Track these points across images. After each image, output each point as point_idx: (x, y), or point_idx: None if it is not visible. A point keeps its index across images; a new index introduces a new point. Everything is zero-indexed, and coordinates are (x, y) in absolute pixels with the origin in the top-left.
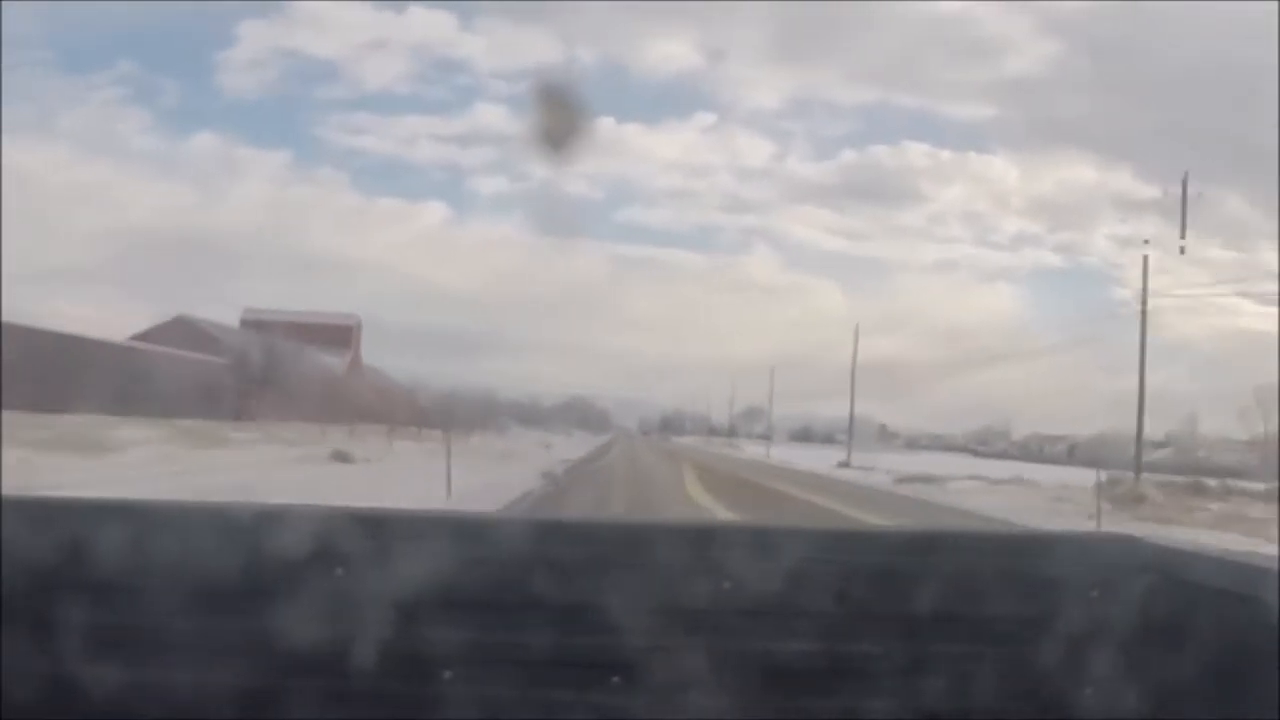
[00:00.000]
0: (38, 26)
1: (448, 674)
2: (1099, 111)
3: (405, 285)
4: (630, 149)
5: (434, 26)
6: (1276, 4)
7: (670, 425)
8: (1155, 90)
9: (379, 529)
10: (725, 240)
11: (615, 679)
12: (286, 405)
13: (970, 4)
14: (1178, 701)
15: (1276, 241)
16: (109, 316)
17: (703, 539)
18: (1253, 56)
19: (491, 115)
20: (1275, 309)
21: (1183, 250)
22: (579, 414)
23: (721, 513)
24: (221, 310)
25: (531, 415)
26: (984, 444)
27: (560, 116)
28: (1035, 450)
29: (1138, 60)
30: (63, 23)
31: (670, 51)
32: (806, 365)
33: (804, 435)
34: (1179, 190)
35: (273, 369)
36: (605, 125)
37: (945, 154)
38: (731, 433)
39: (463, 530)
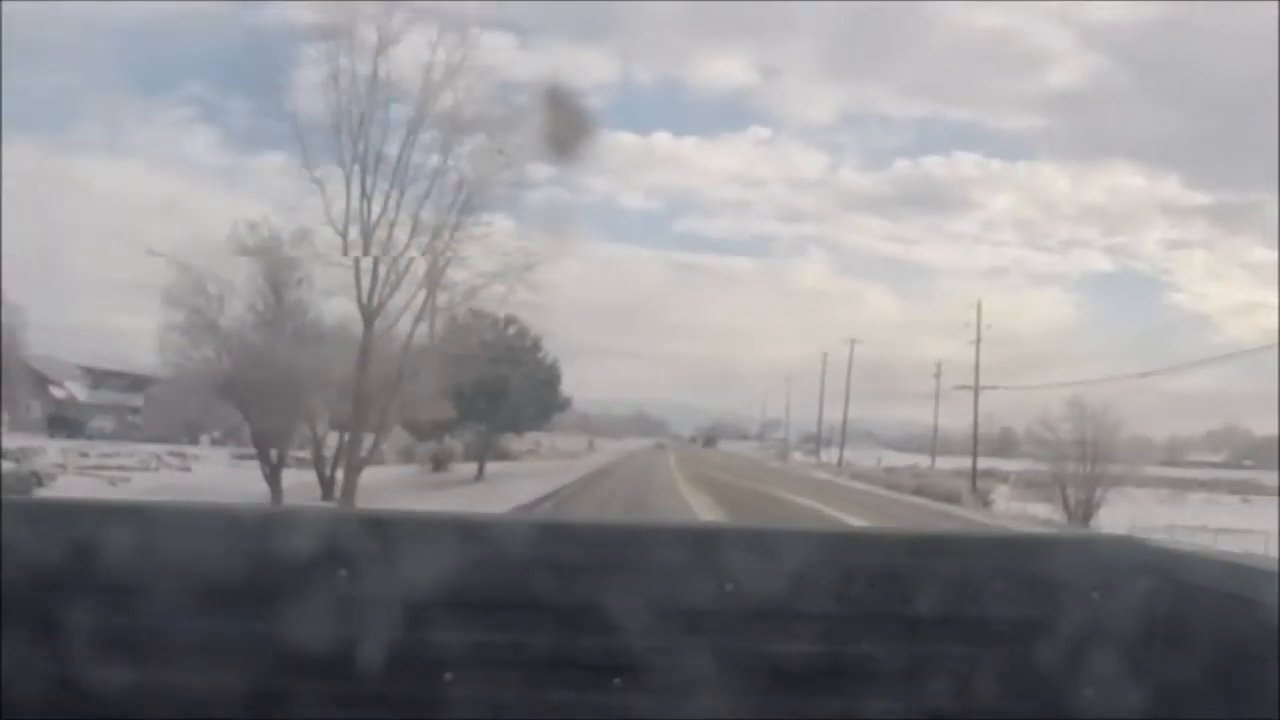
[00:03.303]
0: (112, 50)
1: (448, 675)
2: (1145, 121)
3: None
4: (688, 162)
5: (495, 48)
6: None
7: (721, 431)
8: (1199, 99)
9: (382, 530)
10: (781, 248)
11: (617, 680)
12: None
13: (1015, 18)
14: (1178, 702)
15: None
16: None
17: (705, 540)
18: None
19: None
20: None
21: None
22: (637, 423)
23: None
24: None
25: (596, 425)
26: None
27: (566, 122)
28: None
29: (1181, 69)
30: (134, 46)
31: (725, 69)
32: (863, 369)
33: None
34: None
35: None
36: (662, 139)
37: (995, 163)
38: (782, 441)
39: (465, 531)
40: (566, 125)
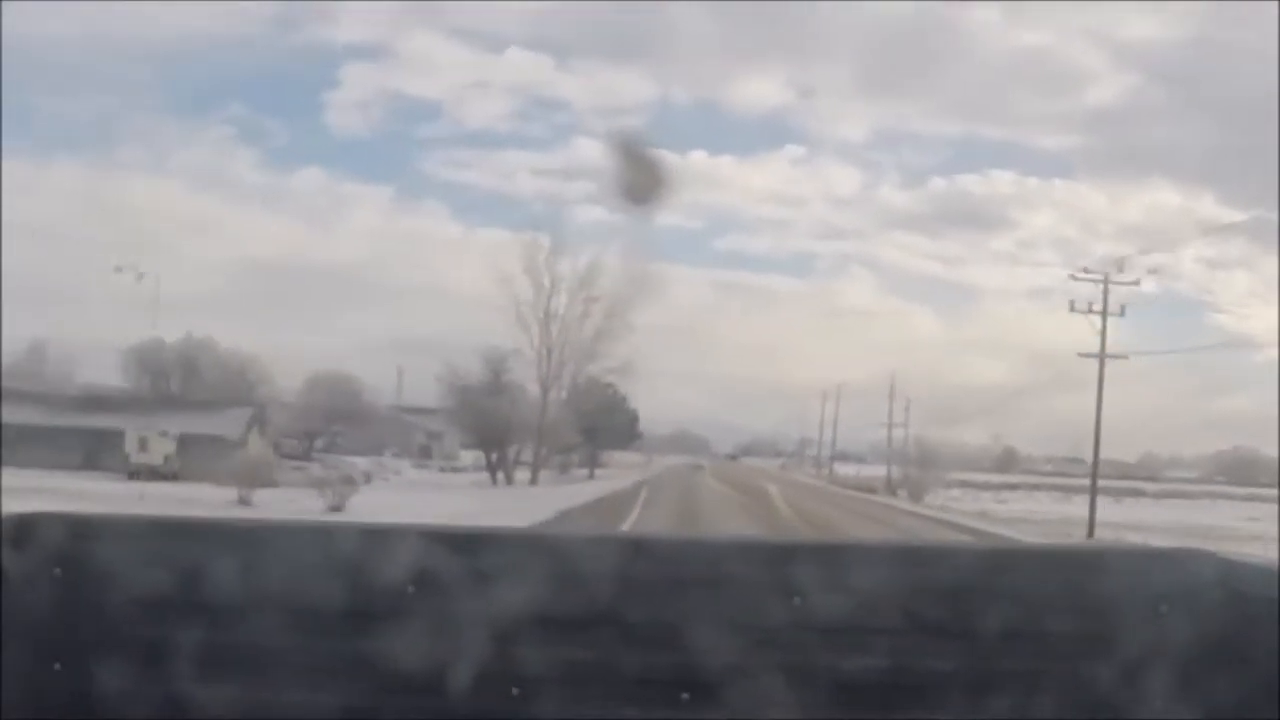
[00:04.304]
0: (150, 74)
1: (515, 690)
2: (1179, 139)
3: (510, 311)
4: (726, 181)
5: (532, 68)
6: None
7: (758, 449)
8: (1233, 116)
9: (468, 549)
10: (822, 266)
11: (685, 696)
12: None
13: (1050, 37)
14: (1243, 716)
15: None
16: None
17: (777, 557)
18: None
19: (590, 149)
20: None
21: None
22: (679, 440)
23: None
24: (328, 340)
25: (645, 444)
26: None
27: (642, 172)
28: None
29: (1215, 87)
30: (175, 68)
31: (761, 89)
32: (906, 388)
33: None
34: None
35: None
36: (698, 158)
37: (1032, 181)
38: (809, 458)
39: (544, 548)
40: (641, 175)
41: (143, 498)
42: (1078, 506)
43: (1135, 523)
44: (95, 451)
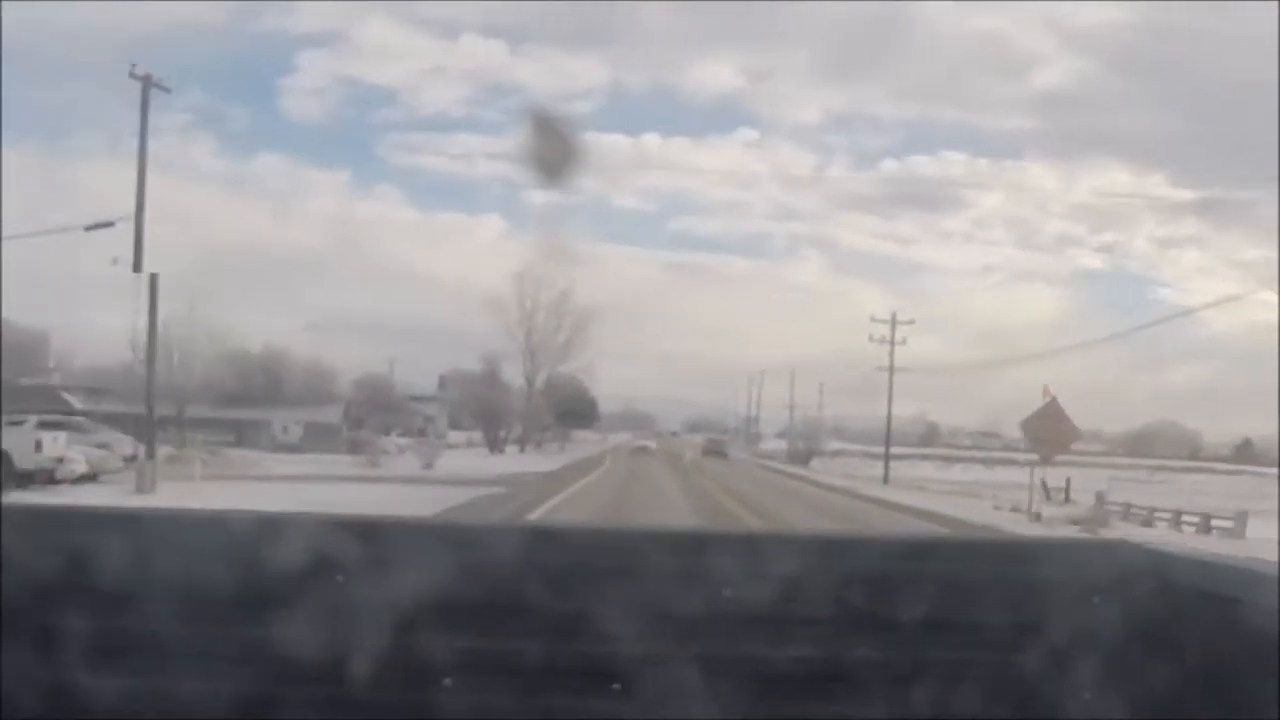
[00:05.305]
0: (108, 60)
1: (447, 681)
2: (1130, 120)
3: (465, 294)
4: (679, 163)
5: (487, 54)
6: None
7: (705, 425)
8: (1184, 98)
9: (374, 537)
10: (775, 247)
11: (616, 686)
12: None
13: (1002, 21)
14: (1173, 706)
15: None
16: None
17: (696, 547)
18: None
19: None
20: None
21: None
22: (627, 418)
23: None
24: (290, 321)
25: (598, 423)
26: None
27: (554, 145)
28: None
29: (1165, 70)
30: (133, 55)
31: (714, 73)
32: (859, 367)
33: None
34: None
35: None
36: (652, 141)
37: (983, 163)
38: (749, 432)
39: (456, 537)
40: (555, 149)
41: (317, 463)
42: (936, 472)
43: (925, 480)
44: (243, 435)
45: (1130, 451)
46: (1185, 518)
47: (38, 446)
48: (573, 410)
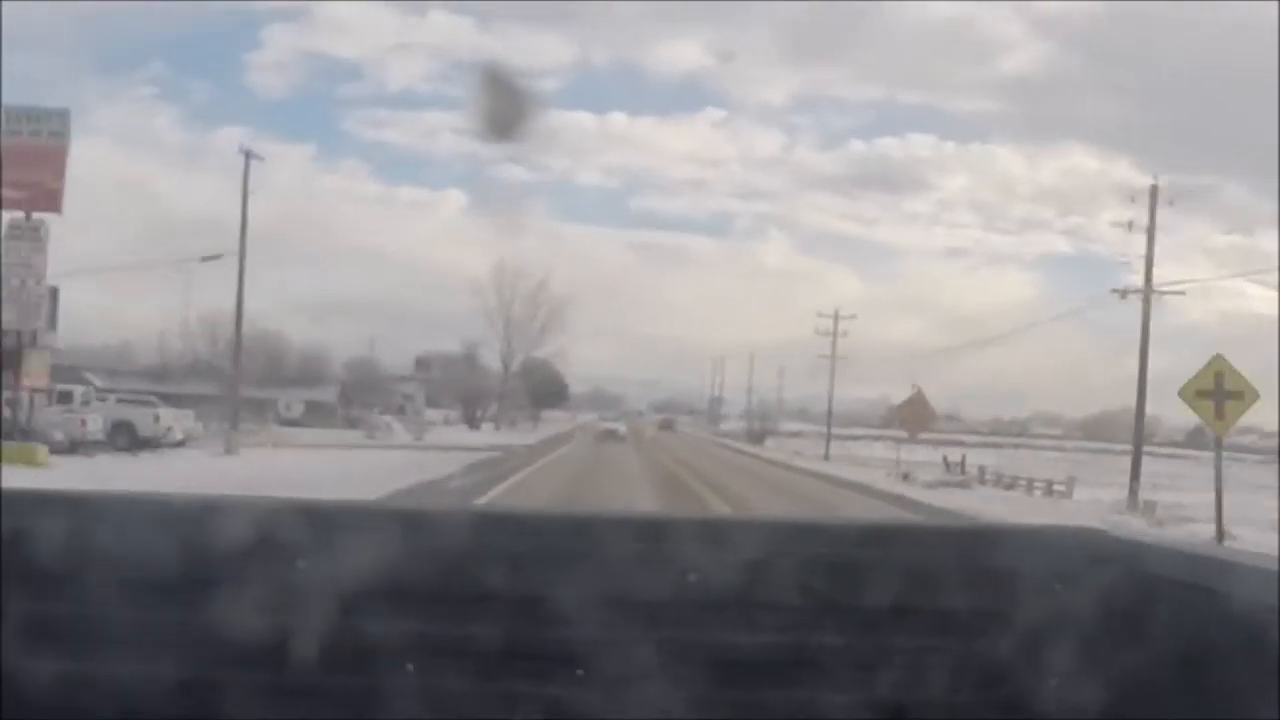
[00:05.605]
0: (71, 30)
1: (409, 666)
2: (1095, 105)
3: (428, 271)
4: (644, 142)
5: (453, 30)
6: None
7: (674, 407)
8: (1148, 84)
9: (323, 520)
10: (740, 226)
11: (580, 671)
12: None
13: (969, 5)
14: (1140, 694)
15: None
16: (147, 307)
17: (658, 532)
18: (1244, 50)
19: None
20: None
21: None
22: (596, 399)
23: None
24: (259, 299)
25: (567, 404)
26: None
27: (506, 102)
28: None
29: (1130, 56)
30: (96, 26)
31: (681, 52)
32: (822, 349)
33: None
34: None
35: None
36: (618, 120)
37: (949, 145)
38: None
39: (407, 521)
40: (506, 105)
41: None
42: (887, 451)
43: (869, 458)
44: (250, 412)
45: (1087, 435)
46: (1036, 484)
47: (156, 419)
48: (545, 392)
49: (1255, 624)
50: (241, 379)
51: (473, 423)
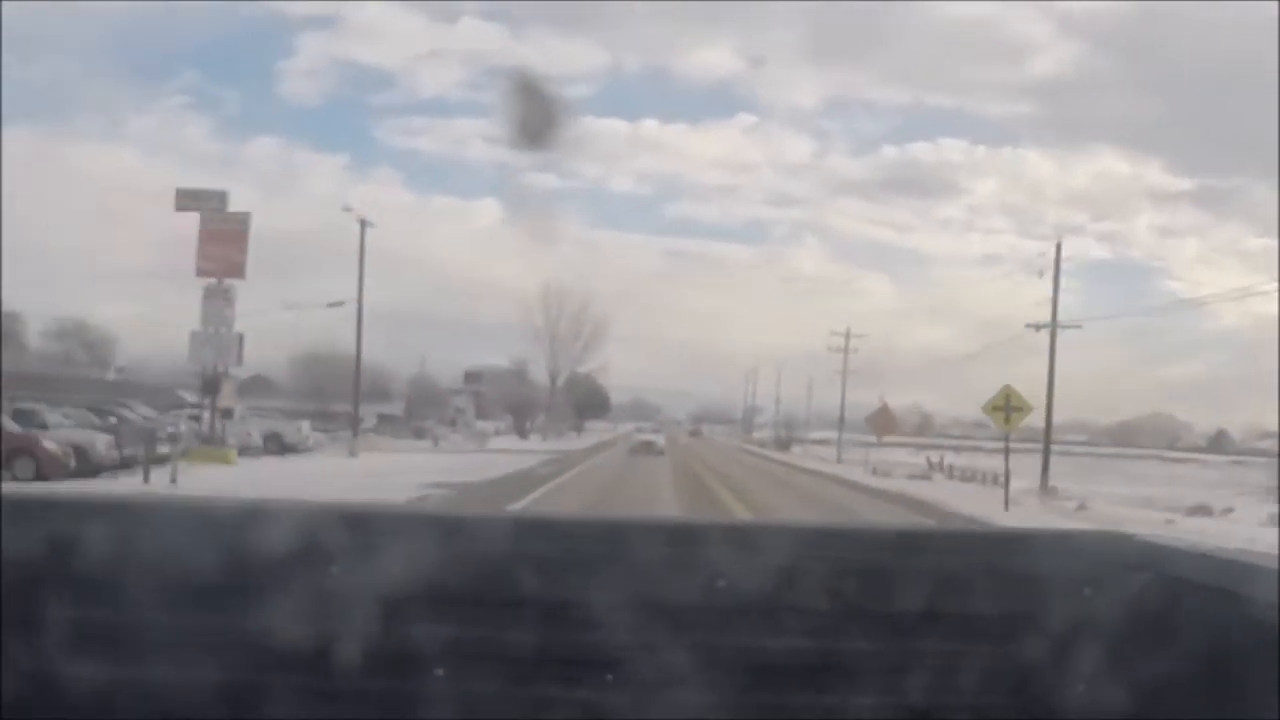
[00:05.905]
0: (105, 38)
1: (440, 671)
2: (1125, 107)
3: (467, 281)
4: (676, 148)
5: (485, 37)
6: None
7: (710, 416)
8: (1178, 85)
9: (356, 525)
10: (773, 233)
11: (609, 676)
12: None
13: (997, 7)
14: (1168, 699)
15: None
16: (171, 315)
17: (689, 537)
18: (1276, 51)
19: None
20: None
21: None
22: (637, 409)
23: None
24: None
25: (609, 414)
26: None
27: (538, 109)
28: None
29: (1159, 57)
30: (129, 36)
31: (711, 58)
32: (859, 354)
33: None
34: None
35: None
36: (650, 126)
37: (980, 150)
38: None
39: (445, 526)
40: (537, 113)
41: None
42: (908, 457)
43: (882, 462)
44: (339, 425)
45: (1114, 441)
46: (987, 478)
47: (299, 430)
48: (589, 404)
49: None
50: (334, 396)
51: (523, 433)
